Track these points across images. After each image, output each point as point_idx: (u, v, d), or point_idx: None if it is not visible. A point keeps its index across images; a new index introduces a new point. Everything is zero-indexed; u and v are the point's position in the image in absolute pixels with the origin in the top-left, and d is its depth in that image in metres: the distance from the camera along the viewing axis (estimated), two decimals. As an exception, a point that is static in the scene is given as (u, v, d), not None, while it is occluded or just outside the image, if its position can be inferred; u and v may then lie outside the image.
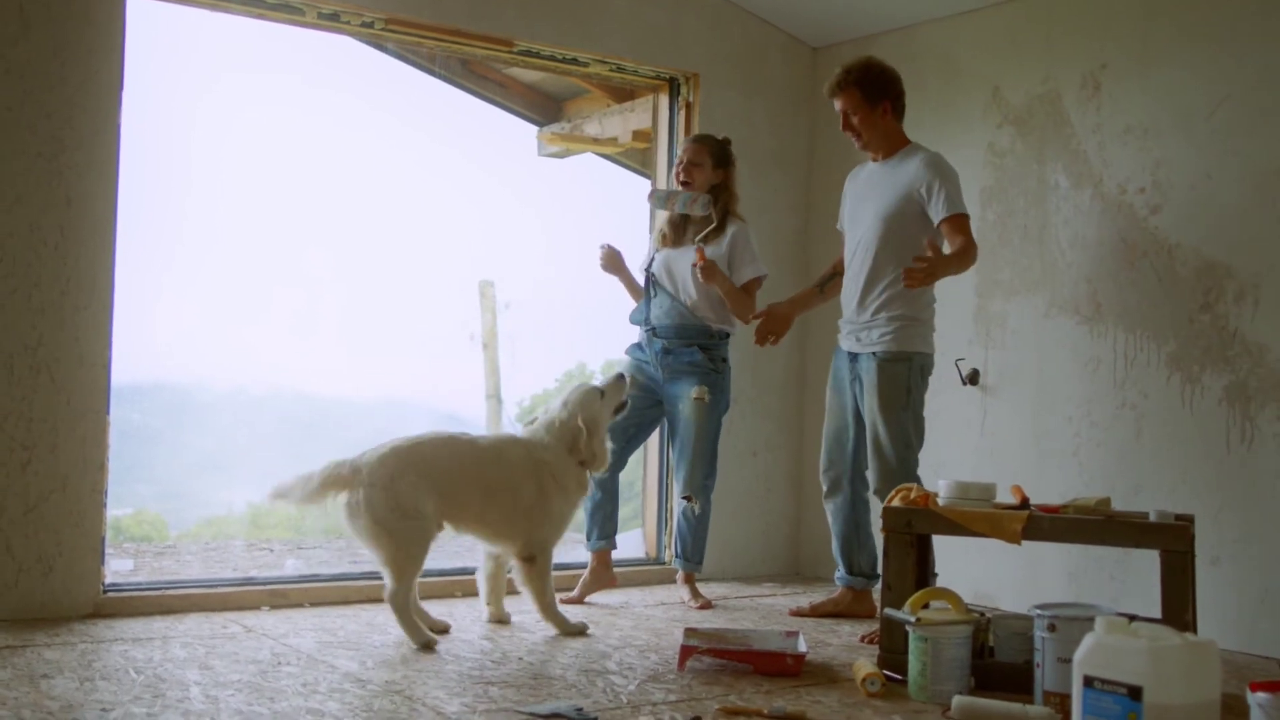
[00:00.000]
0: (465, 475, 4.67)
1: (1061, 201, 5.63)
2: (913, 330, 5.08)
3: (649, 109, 6.85)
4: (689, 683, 4.01)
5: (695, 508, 5.60)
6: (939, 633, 3.91)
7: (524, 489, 4.75)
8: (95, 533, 4.89)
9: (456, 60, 7.51)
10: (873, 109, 5.09)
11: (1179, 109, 5.23)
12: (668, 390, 5.62)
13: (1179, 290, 5.19)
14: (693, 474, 5.58)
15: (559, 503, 4.82)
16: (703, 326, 5.58)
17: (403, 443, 4.62)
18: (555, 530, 4.85)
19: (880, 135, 5.14)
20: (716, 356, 5.62)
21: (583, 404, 4.92)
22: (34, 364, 4.75)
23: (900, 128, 5.19)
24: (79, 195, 4.85)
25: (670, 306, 5.59)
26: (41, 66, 4.79)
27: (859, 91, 5.08)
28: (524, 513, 4.74)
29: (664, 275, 5.64)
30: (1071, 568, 5.43)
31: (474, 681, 3.93)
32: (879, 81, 5.10)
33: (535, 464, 4.79)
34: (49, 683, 3.72)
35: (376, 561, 4.56)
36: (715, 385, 5.59)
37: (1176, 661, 2.95)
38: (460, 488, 4.65)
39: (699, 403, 5.53)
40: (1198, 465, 5.09)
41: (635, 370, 5.66)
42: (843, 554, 5.41)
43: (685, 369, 5.56)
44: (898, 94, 5.14)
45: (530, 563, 4.77)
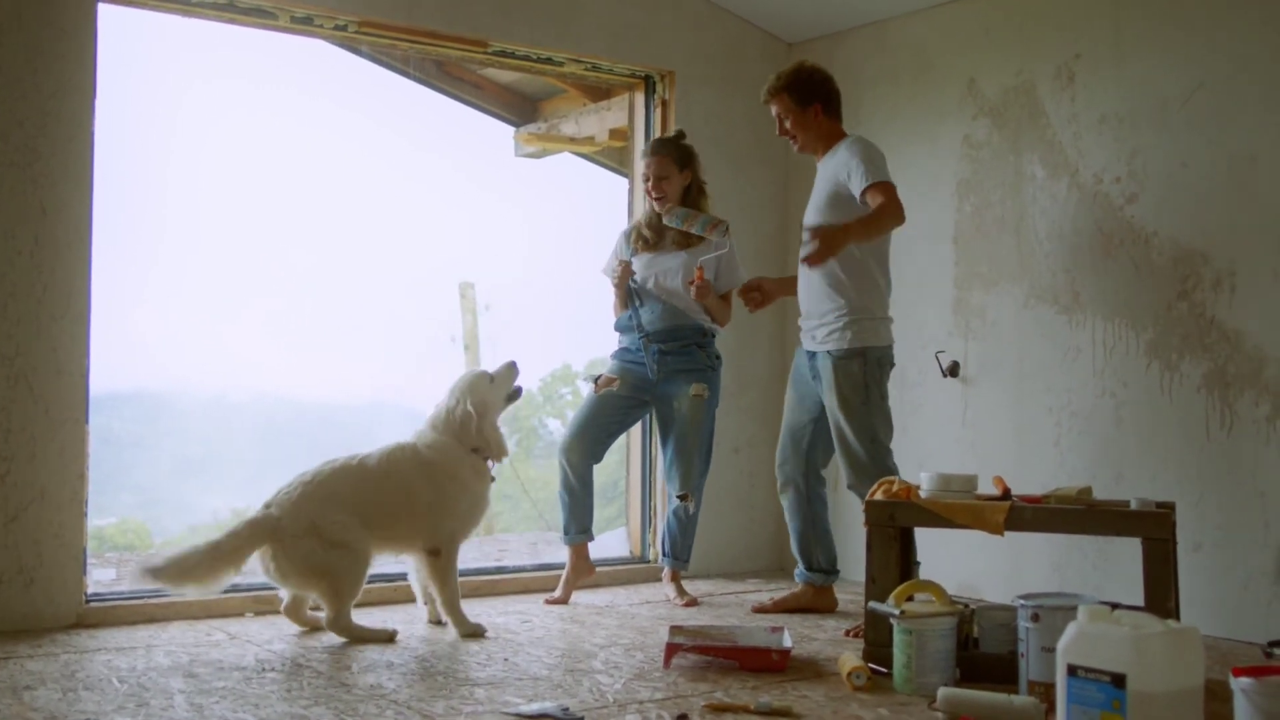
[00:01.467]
0: (368, 499, 4.69)
1: (1038, 192, 5.64)
2: (864, 325, 5.06)
3: (625, 107, 6.85)
4: (675, 680, 4.01)
5: (690, 506, 5.60)
6: (923, 625, 3.92)
7: (419, 492, 4.74)
8: (76, 542, 4.86)
9: (431, 62, 7.50)
10: (804, 111, 5.15)
11: (1153, 98, 5.24)
12: (662, 389, 5.60)
13: (1156, 279, 5.20)
14: (690, 472, 5.57)
15: (456, 495, 4.79)
16: (696, 326, 5.58)
17: (308, 485, 4.65)
18: (460, 523, 4.82)
19: (815, 136, 5.20)
20: (711, 353, 5.63)
21: (470, 389, 4.91)
22: (11, 374, 4.73)
23: (836, 126, 5.23)
24: (54, 204, 4.83)
25: (662, 310, 5.57)
26: (13, 74, 4.76)
27: (789, 96, 5.15)
28: (422, 513, 4.74)
29: (650, 281, 5.63)
30: (1055, 558, 5.44)
31: (459, 683, 3.92)
32: (808, 85, 5.16)
33: (423, 464, 4.78)
34: (32, 694, 3.70)
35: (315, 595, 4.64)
36: (712, 382, 5.60)
37: (1159, 649, 2.96)
38: (369, 512, 4.67)
39: (698, 400, 5.52)
40: (1178, 453, 5.11)
41: (623, 372, 5.65)
42: (801, 551, 5.41)
43: (684, 367, 5.56)
44: (828, 94, 5.19)
45: (435, 555, 4.74)
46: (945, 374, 5.91)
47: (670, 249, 5.59)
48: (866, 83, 6.44)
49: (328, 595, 4.56)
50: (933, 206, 6.06)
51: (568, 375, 18.24)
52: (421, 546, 4.76)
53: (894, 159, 6.18)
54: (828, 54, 6.64)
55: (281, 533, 4.52)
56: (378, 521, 4.68)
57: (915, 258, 6.12)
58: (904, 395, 6.15)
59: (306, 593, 4.69)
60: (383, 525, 4.69)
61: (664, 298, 5.57)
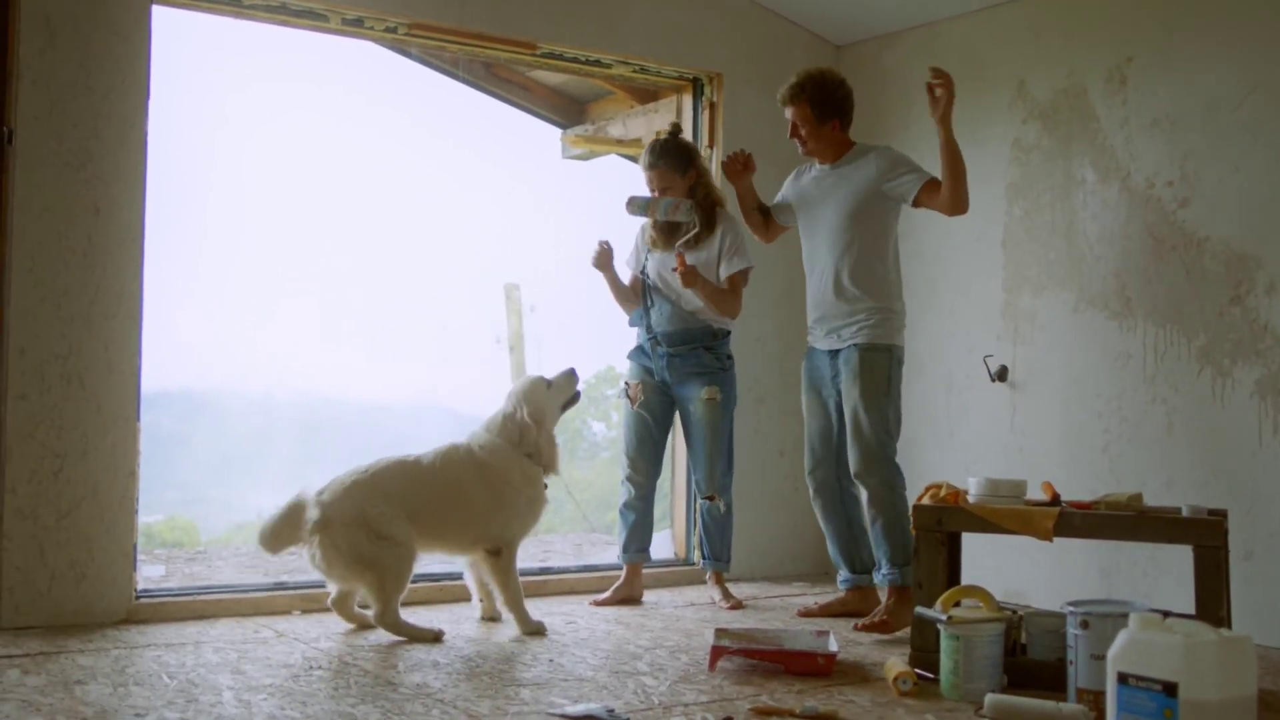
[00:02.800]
0: (419, 496, 4.74)
1: (1089, 196, 5.60)
2: (891, 323, 5.14)
3: (673, 109, 6.84)
4: (720, 683, 4.01)
5: (720, 506, 5.60)
6: (971, 631, 3.89)
7: (474, 495, 4.79)
8: (127, 539, 4.91)
9: (479, 64, 7.52)
10: (821, 125, 5.17)
11: (1206, 101, 5.19)
12: (678, 392, 5.61)
13: (1208, 283, 5.15)
14: (712, 473, 5.58)
15: (510, 498, 4.82)
16: (705, 328, 5.57)
17: (360, 476, 4.71)
18: (517, 524, 4.86)
19: (826, 145, 5.22)
20: (722, 354, 5.62)
21: (526, 396, 4.94)
22: (64, 372, 4.78)
23: (847, 137, 5.25)
24: (106, 204, 4.88)
25: (671, 312, 5.58)
26: (68, 76, 4.81)
27: (810, 108, 5.15)
28: (478, 517, 4.78)
29: (659, 281, 5.63)
30: (1103, 564, 5.40)
31: (505, 683, 3.93)
32: (831, 100, 5.17)
33: (478, 466, 4.82)
34: (83, 688, 3.74)
35: (360, 590, 4.71)
36: (724, 383, 5.59)
37: (1212, 657, 2.93)
38: (418, 509, 4.71)
39: (711, 403, 5.52)
40: (1230, 459, 5.05)
41: (642, 374, 5.67)
42: (842, 554, 5.40)
43: (693, 370, 5.56)
44: (847, 111, 5.21)
45: (495, 556, 4.79)
46: (994, 378, 5.88)
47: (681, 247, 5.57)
48: (916, 85, 6.36)
49: (373, 588, 4.60)
50: (982, 210, 6.00)
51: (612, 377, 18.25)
52: (481, 547, 4.81)
53: (943, 162, 6.15)
54: (876, 56, 6.62)
55: (329, 522, 4.57)
56: (427, 519, 4.72)
57: (964, 261, 6.09)
58: (951, 399, 6.13)
59: (351, 585, 4.73)
60: (432, 523, 4.73)
61: (672, 299, 5.57)
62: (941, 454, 6.15)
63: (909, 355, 5.28)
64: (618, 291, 5.73)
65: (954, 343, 6.12)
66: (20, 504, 4.69)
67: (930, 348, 6.20)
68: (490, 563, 4.81)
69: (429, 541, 4.77)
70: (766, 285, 6.17)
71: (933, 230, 6.22)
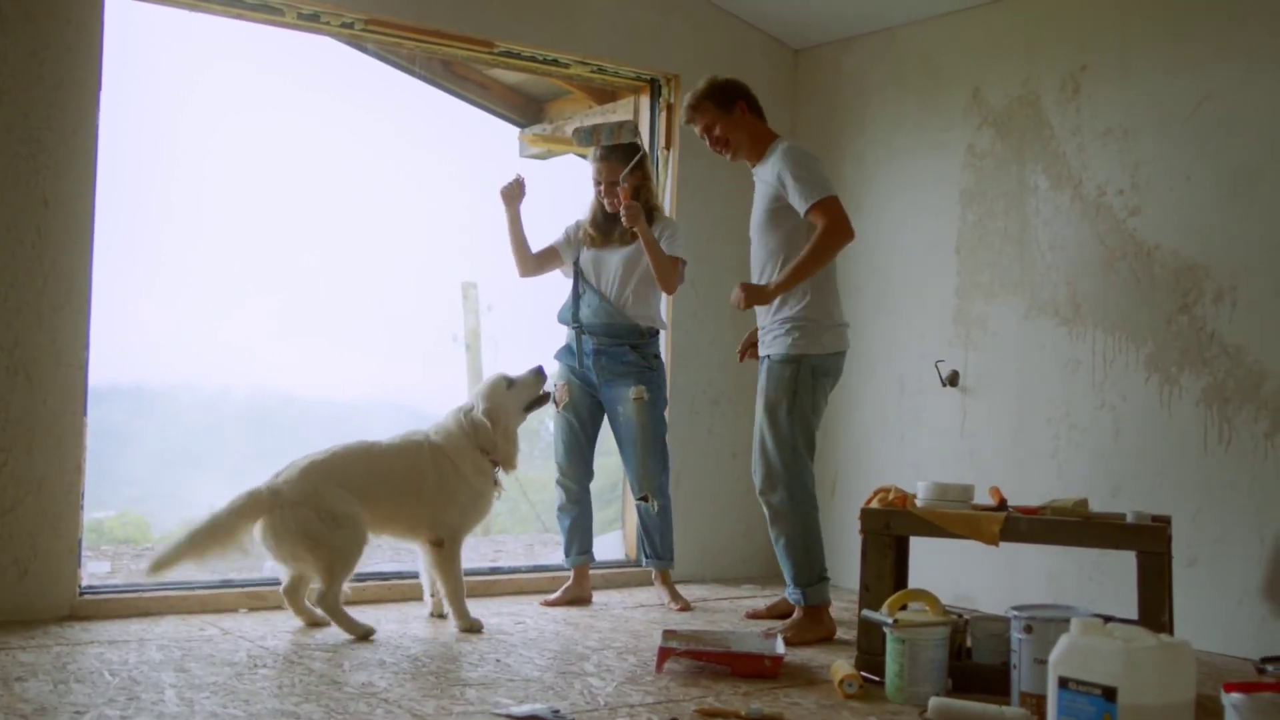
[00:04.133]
0: (374, 478, 4.77)
1: (1041, 203, 5.63)
2: (805, 333, 4.92)
3: (630, 110, 6.84)
4: (667, 684, 4.01)
5: (654, 505, 5.60)
6: (916, 634, 3.91)
7: (426, 479, 4.82)
8: (72, 535, 4.86)
9: (437, 61, 7.49)
10: (729, 113, 5.05)
11: (1158, 110, 5.24)
12: (605, 393, 5.61)
13: (1158, 292, 5.20)
14: (645, 473, 5.58)
15: (458, 489, 4.84)
16: (632, 325, 5.55)
17: (316, 457, 4.74)
18: (462, 517, 4.87)
19: (747, 139, 5.08)
20: (649, 354, 5.61)
21: (485, 393, 4.96)
22: (10, 365, 4.73)
23: (764, 127, 5.12)
24: (56, 195, 4.83)
25: (599, 306, 5.57)
26: (19, 66, 4.76)
27: (710, 102, 5.06)
28: (427, 501, 4.81)
29: (591, 273, 5.61)
30: (1050, 569, 5.44)
31: (450, 683, 3.92)
32: (726, 88, 5.07)
33: (433, 452, 4.86)
34: (23, 685, 3.70)
35: (308, 570, 4.69)
36: (652, 383, 5.58)
37: (1151, 662, 2.95)
38: (372, 490, 4.74)
39: (639, 402, 5.52)
40: (1176, 466, 5.10)
41: (569, 375, 5.67)
42: None
43: (620, 370, 5.55)
44: (747, 94, 5.10)
45: (438, 546, 4.80)
46: (945, 383, 5.91)
47: (614, 246, 5.58)
48: (872, 90, 6.44)
49: (321, 568, 4.60)
50: (936, 215, 6.06)
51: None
52: (425, 537, 4.83)
53: (898, 167, 6.20)
54: (834, 60, 6.65)
55: (280, 500, 4.58)
56: (379, 502, 4.74)
57: (917, 266, 6.12)
58: (903, 403, 6.16)
59: (301, 566, 4.71)
60: (384, 507, 4.76)
61: (604, 292, 5.57)
62: (892, 458, 6.18)
63: (859, 359, 5.24)
64: (515, 233, 5.65)
65: (906, 347, 6.15)
66: (-37, 498, 4.64)
67: (882, 352, 6.22)
68: (433, 554, 4.83)
69: (380, 524, 4.80)
70: (721, 286, 6.17)
71: (885, 235, 6.25)
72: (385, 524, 4.82)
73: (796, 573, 4.98)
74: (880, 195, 6.33)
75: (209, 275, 14.74)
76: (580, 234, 5.71)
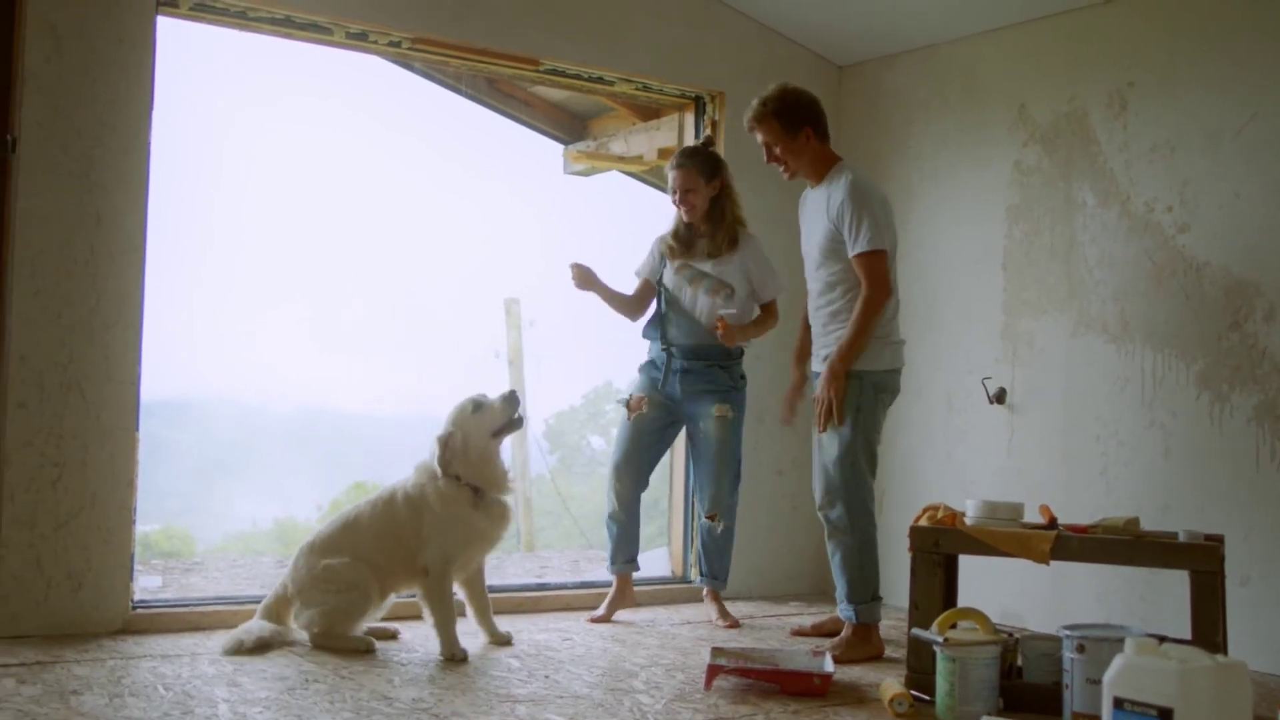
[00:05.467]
0: (360, 539, 4.77)
1: (1089, 219, 5.61)
2: (871, 348, 4.91)
3: (674, 127, 6.87)
4: (716, 702, 4.01)
5: (719, 526, 5.59)
6: (967, 653, 3.89)
7: (403, 526, 4.75)
8: (124, 549, 4.91)
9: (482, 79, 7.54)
10: (794, 137, 4.99)
11: (1206, 127, 5.21)
12: (687, 409, 5.60)
13: (1207, 309, 5.17)
14: (719, 492, 5.56)
15: (432, 519, 4.71)
16: (720, 346, 5.55)
17: (305, 543, 4.84)
18: (439, 545, 4.69)
19: (807, 162, 5.04)
20: (735, 373, 5.61)
21: (450, 418, 4.84)
22: (64, 381, 4.78)
23: (828, 150, 5.07)
24: (109, 213, 4.89)
25: (688, 327, 5.58)
26: (73, 84, 4.83)
27: (778, 122, 4.99)
28: (408, 545, 4.74)
29: (678, 291, 5.61)
30: (1099, 588, 5.40)
31: (500, 699, 3.93)
32: (796, 108, 4.99)
33: (404, 497, 4.79)
34: (78, 699, 3.74)
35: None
36: (736, 402, 5.58)
37: (1207, 683, 2.93)
38: (362, 551, 4.74)
39: (722, 420, 5.51)
40: (1227, 485, 5.06)
41: (650, 389, 5.66)
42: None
43: (705, 388, 5.54)
44: (817, 117, 5.02)
45: (424, 575, 4.70)
46: (991, 400, 5.89)
47: (700, 257, 5.58)
48: (917, 106, 6.43)
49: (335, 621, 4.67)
50: (982, 232, 6.05)
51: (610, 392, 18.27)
52: (414, 571, 4.74)
53: (943, 183, 6.20)
54: (877, 77, 6.64)
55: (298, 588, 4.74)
56: (371, 559, 4.74)
57: (963, 283, 6.11)
58: (949, 421, 6.14)
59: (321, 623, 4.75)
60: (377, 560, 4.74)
61: (691, 313, 5.57)
62: (939, 475, 6.16)
63: (906, 376, 5.21)
64: (614, 302, 5.72)
65: (952, 364, 6.13)
66: (18, 512, 4.69)
67: (929, 369, 6.21)
68: (420, 584, 4.72)
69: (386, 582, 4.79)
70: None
71: (930, 251, 6.24)
72: (388, 579, 4.79)
73: (850, 589, 4.96)
74: (925, 212, 6.32)
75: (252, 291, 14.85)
76: (663, 248, 5.70)
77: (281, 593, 4.79)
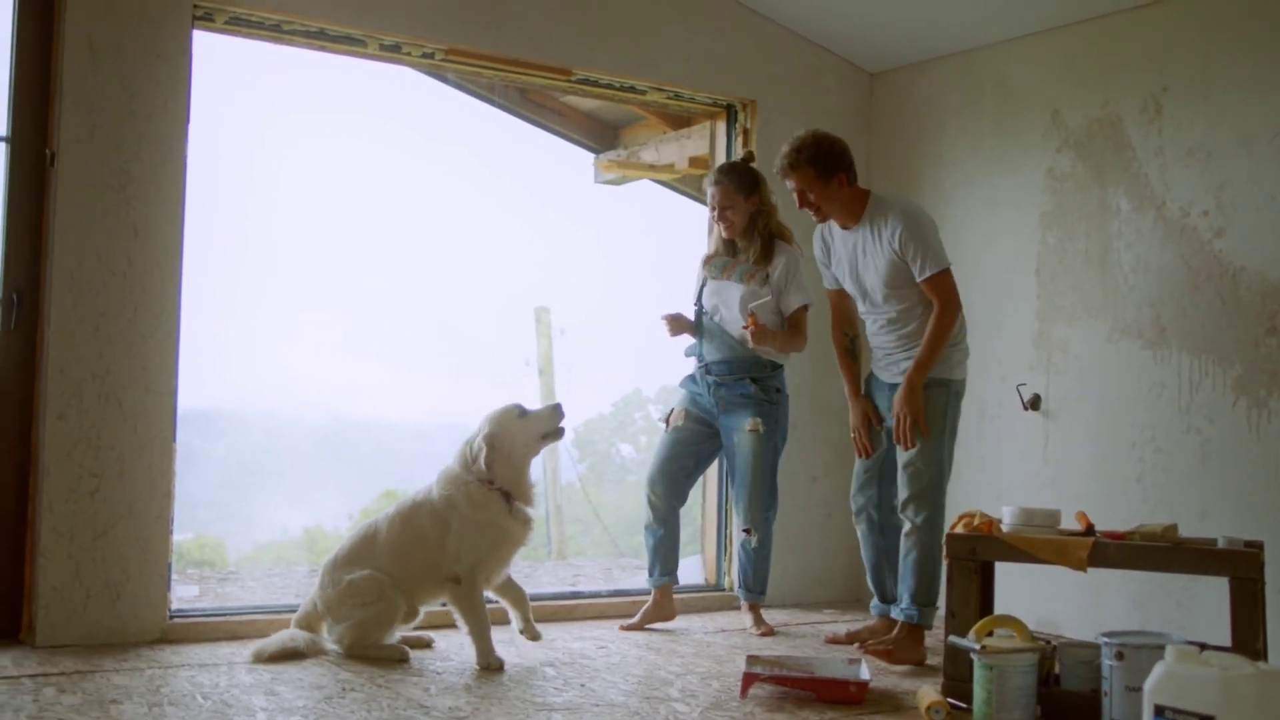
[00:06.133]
0: (383, 552, 4.77)
1: (1123, 225, 5.59)
2: (950, 357, 5.06)
3: (706, 135, 6.87)
4: (752, 710, 4.00)
5: (753, 540, 5.58)
6: (1004, 660, 3.88)
7: (426, 536, 4.73)
8: (161, 559, 4.94)
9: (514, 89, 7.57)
10: (827, 183, 5.02)
11: (1242, 131, 5.18)
12: (723, 422, 5.60)
13: (1244, 314, 5.13)
14: (752, 506, 5.55)
15: (462, 525, 4.69)
16: (754, 359, 5.54)
17: (329, 559, 4.87)
18: (470, 551, 4.67)
19: (840, 206, 5.09)
20: (770, 387, 5.59)
21: (494, 419, 4.80)
22: (102, 392, 4.82)
23: (857, 189, 5.11)
24: (146, 225, 4.93)
25: (721, 341, 5.57)
26: (110, 99, 4.87)
27: (812, 169, 5.00)
28: (434, 553, 4.72)
29: (713, 306, 5.61)
30: (1136, 595, 5.37)
31: (536, 708, 3.94)
32: (831, 155, 5.02)
33: (430, 506, 4.77)
34: (118, 708, 3.76)
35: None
36: (769, 416, 5.55)
37: (1250, 691, 2.92)
38: (384, 565, 4.74)
39: (754, 434, 5.50)
40: (1266, 490, 5.03)
41: (690, 403, 5.67)
42: (874, 582, 5.39)
43: (739, 401, 5.54)
44: (849, 163, 5.06)
45: (455, 583, 4.68)
46: (1026, 407, 5.87)
47: (734, 279, 5.58)
48: (949, 113, 6.42)
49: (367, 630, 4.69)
50: (1015, 238, 6.03)
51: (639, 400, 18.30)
52: (445, 579, 4.72)
53: (976, 190, 6.18)
54: (909, 84, 6.64)
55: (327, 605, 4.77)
56: (395, 572, 4.73)
57: (997, 289, 6.09)
58: (984, 428, 6.11)
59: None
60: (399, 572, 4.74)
61: (725, 329, 5.57)
62: (974, 482, 6.14)
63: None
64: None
65: (987, 371, 6.11)
66: (57, 523, 4.73)
67: (962, 375, 6.18)
68: (450, 591, 4.70)
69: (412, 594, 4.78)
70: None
71: (964, 258, 6.21)
72: (414, 590, 4.78)
73: (918, 590, 5.02)
74: (958, 219, 6.30)
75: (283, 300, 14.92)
76: (704, 265, 5.71)
77: (311, 609, 4.82)
